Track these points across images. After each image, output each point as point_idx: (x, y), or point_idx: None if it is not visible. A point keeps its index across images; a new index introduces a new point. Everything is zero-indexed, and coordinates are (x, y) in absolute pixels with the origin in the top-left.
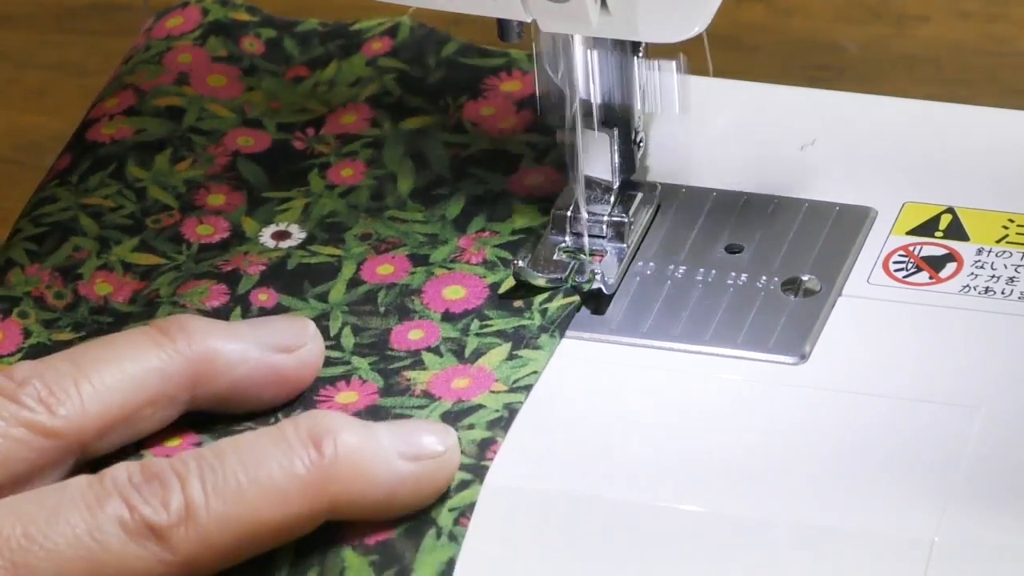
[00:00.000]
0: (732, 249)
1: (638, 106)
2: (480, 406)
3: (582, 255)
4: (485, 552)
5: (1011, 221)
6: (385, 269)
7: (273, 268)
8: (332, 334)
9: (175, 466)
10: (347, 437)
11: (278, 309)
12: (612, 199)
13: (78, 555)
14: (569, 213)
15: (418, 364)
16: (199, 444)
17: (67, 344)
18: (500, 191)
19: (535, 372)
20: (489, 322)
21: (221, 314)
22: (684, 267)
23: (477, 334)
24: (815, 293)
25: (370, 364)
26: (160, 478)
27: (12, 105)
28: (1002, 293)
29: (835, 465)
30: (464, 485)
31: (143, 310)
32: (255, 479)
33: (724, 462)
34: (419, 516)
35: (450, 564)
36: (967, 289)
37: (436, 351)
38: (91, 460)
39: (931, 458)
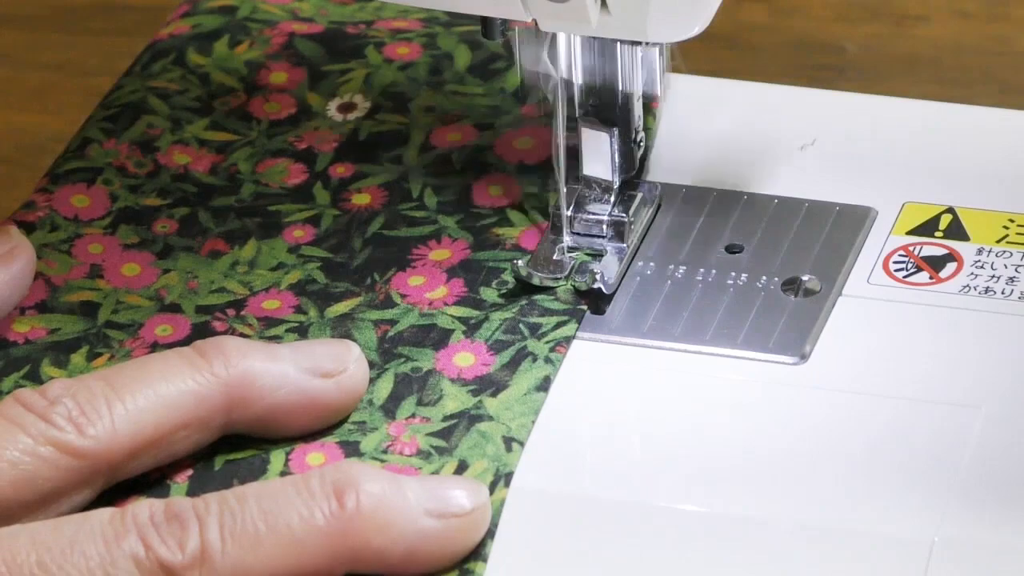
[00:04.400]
0: (732, 249)
1: (620, 87)
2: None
3: (582, 254)
4: (484, 552)
5: (1011, 221)
6: (453, 136)
7: (345, 143)
8: (415, 195)
9: (197, 508)
10: (371, 489)
11: (357, 177)
12: (612, 199)
13: None
14: (569, 213)
15: (504, 222)
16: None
17: (155, 210)
18: None
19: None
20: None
21: (303, 191)
22: (684, 267)
23: (556, 189)
24: (815, 293)
25: (457, 222)
26: (180, 519)
27: (12, 105)
28: (1002, 293)
29: (835, 465)
30: (561, 324)
31: (227, 184)
32: (273, 527)
33: (724, 462)
34: (518, 352)
35: (546, 380)
36: (967, 289)
37: (520, 208)
38: (122, 480)
39: (931, 458)
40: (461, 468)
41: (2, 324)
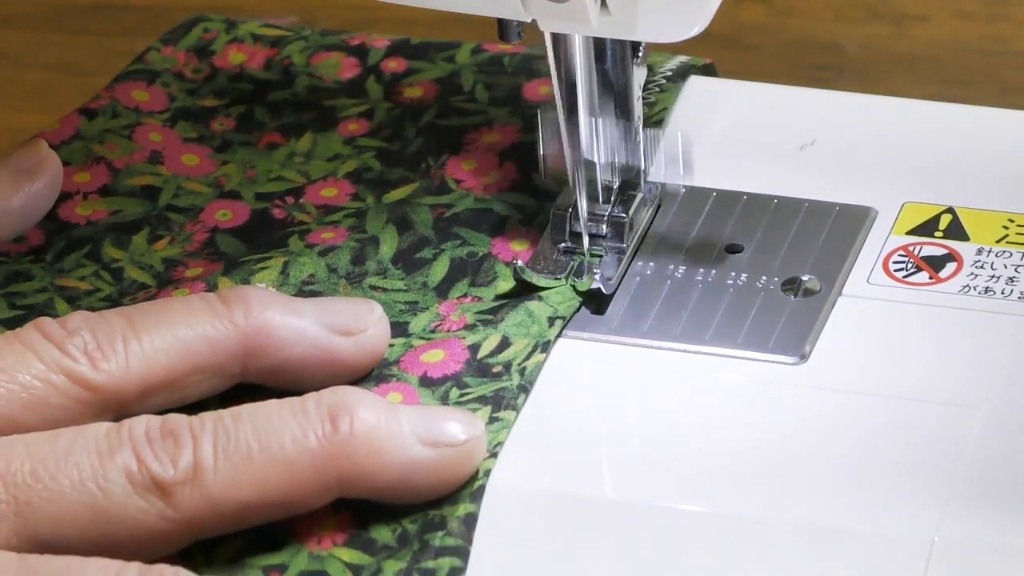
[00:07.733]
0: (732, 249)
1: (641, 165)
2: None
3: (581, 254)
4: (484, 552)
5: (1011, 221)
6: (505, 45)
7: (398, 42)
8: (467, 89)
9: (192, 425)
10: (365, 415)
11: (408, 73)
12: (612, 198)
13: (80, 499)
14: (568, 213)
15: (554, 108)
16: None
17: (212, 111)
18: None
19: (665, 108)
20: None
21: (356, 84)
22: (684, 267)
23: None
24: (815, 293)
25: (508, 112)
26: (175, 435)
27: (12, 105)
28: (1002, 293)
29: (835, 465)
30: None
31: (281, 78)
32: (266, 447)
33: (724, 462)
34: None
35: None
36: (967, 289)
37: None
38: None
39: (931, 458)
40: (504, 344)
41: (65, 207)
